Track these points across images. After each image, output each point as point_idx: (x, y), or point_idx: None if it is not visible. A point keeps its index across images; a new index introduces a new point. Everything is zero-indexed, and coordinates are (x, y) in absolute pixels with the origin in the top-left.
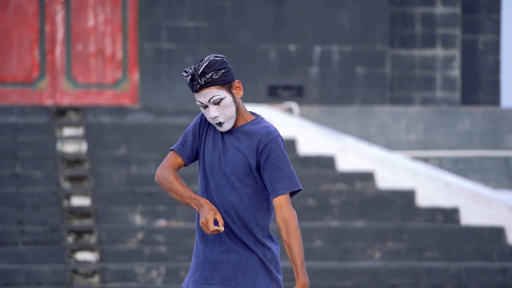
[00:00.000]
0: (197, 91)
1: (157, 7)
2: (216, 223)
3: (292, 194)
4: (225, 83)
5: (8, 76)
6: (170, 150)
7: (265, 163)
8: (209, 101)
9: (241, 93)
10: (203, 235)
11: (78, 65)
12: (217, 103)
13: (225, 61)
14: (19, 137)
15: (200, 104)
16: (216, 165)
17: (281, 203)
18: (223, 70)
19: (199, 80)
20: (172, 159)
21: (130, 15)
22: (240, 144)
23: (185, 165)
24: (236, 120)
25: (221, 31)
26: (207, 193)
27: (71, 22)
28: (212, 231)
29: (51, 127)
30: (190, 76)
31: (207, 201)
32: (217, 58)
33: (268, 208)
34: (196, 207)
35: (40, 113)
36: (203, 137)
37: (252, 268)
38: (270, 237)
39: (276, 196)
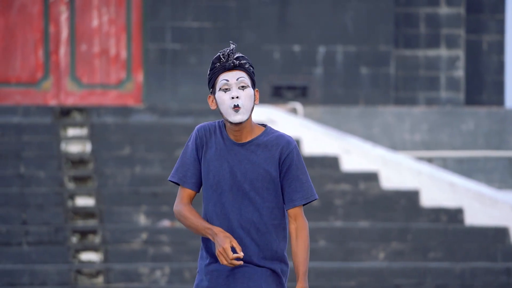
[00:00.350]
0: (230, 68)
1: (161, 7)
2: (233, 250)
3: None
4: (252, 79)
5: (12, 76)
6: (172, 182)
7: (286, 173)
8: (237, 79)
9: (258, 101)
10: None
11: (82, 66)
12: (241, 87)
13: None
14: (23, 137)
15: (225, 83)
16: (228, 182)
17: (296, 214)
18: (253, 69)
19: (235, 61)
20: (182, 193)
21: (134, 15)
22: (257, 157)
23: (197, 192)
24: (246, 128)
25: (225, 31)
26: (216, 212)
27: (75, 23)
28: (232, 259)
29: (55, 127)
30: (227, 53)
31: (221, 229)
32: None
33: (286, 222)
34: (210, 237)
35: (44, 114)
36: (203, 154)
37: (266, 283)
38: (286, 252)
39: (293, 207)
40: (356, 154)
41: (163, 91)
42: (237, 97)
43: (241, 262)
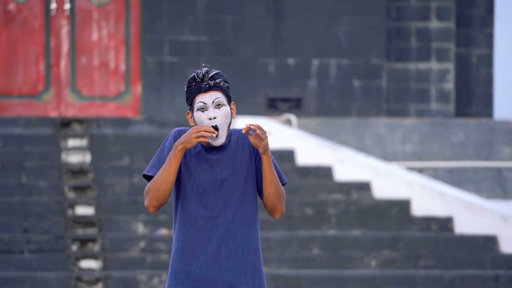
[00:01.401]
0: (205, 90)
1: (159, 21)
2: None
3: None
4: (228, 96)
5: (14, 88)
6: (145, 176)
7: (258, 162)
8: (213, 102)
9: (235, 115)
10: (193, 256)
11: (82, 78)
12: (218, 107)
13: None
14: (24, 148)
15: (202, 105)
16: (209, 181)
17: None
18: (228, 85)
19: (209, 81)
20: None
21: (133, 29)
22: (234, 156)
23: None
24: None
25: (221, 44)
26: (198, 211)
27: (75, 36)
28: (205, 130)
29: (56, 138)
30: (201, 75)
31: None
32: (224, 74)
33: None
34: (181, 147)
35: (45, 125)
36: (182, 159)
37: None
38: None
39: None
40: (349, 165)
41: (161, 102)
42: (215, 118)
43: (214, 133)
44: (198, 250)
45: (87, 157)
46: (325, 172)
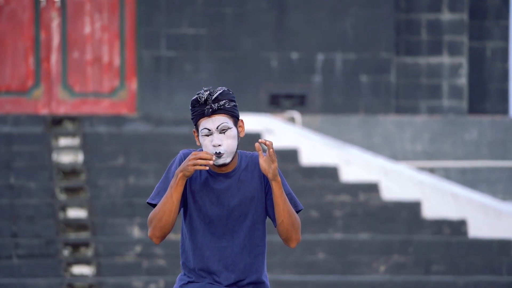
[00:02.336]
0: (208, 115)
1: (155, 13)
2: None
3: None
4: (234, 116)
5: (2, 84)
6: (150, 204)
7: (269, 190)
8: (217, 127)
9: (243, 133)
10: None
11: (74, 73)
12: (223, 131)
13: (234, 96)
14: (13, 147)
15: (206, 131)
16: (216, 211)
17: None
18: (234, 103)
19: (213, 105)
20: None
21: (128, 21)
22: (242, 184)
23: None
24: (231, 164)
25: (221, 38)
26: (206, 242)
27: (67, 29)
28: (202, 157)
29: (47, 137)
30: (203, 99)
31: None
32: (230, 91)
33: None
34: (181, 175)
35: (35, 123)
36: (188, 182)
37: None
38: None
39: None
40: (356, 165)
41: (158, 99)
42: (219, 145)
43: (211, 160)
44: (207, 280)
45: (80, 157)
46: (330, 173)
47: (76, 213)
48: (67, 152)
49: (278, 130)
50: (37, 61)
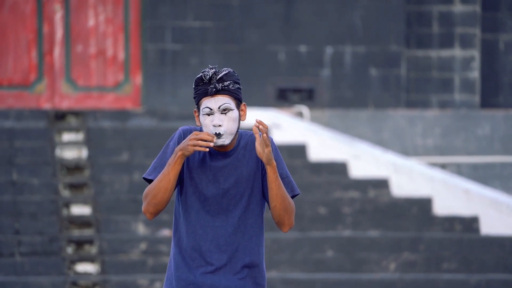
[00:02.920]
0: (212, 94)
1: (160, 6)
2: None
3: None
4: (237, 98)
5: (4, 78)
6: (146, 180)
7: (265, 171)
8: (219, 107)
9: (245, 117)
10: (192, 258)
11: (78, 67)
12: (225, 112)
13: (239, 79)
14: (16, 142)
15: (207, 110)
16: (212, 189)
17: None
18: (238, 85)
19: (217, 84)
20: None
21: (132, 14)
22: (240, 162)
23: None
24: (230, 144)
25: (228, 31)
26: (199, 220)
27: (70, 22)
28: (207, 137)
29: (50, 132)
30: (208, 77)
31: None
32: (235, 73)
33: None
34: (180, 154)
35: (38, 118)
36: (185, 162)
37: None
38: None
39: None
40: (365, 160)
41: (163, 94)
42: (220, 125)
43: (212, 142)
44: (198, 261)
45: (84, 153)
46: (339, 168)
47: (80, 209)
48: (71, 148)
49: (286, 125)
50: (40, 55)
